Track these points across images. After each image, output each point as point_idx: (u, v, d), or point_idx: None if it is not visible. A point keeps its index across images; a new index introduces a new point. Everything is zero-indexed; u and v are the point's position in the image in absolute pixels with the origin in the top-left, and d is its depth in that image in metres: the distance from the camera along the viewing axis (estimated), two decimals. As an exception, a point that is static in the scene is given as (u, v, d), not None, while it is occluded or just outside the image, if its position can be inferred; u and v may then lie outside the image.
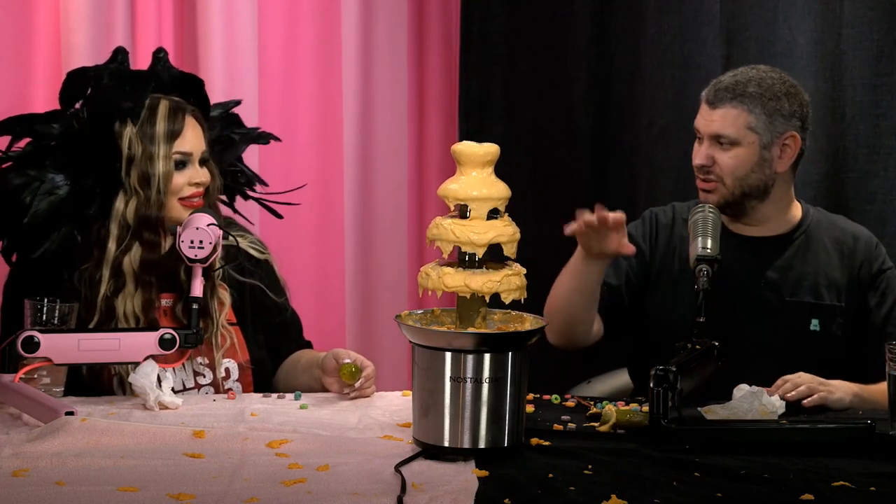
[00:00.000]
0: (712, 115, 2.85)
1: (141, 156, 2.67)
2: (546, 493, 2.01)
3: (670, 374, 2.29)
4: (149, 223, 2.68)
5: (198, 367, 2.74)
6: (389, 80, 3.85)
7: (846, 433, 2.32)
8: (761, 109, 2.82)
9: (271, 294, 2.86)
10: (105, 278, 2.66)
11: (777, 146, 2.84)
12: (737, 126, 2.82)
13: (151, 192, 2.67)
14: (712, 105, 2.85)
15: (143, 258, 2.68)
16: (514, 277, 2.23)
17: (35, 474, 2.07)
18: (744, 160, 2.83)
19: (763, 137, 2.83)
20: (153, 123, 2.68)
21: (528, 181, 3.79)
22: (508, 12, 3.83)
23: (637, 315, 2.95)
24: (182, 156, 2.70)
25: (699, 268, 2.61)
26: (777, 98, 2.84)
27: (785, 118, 2.84)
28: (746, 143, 2.83)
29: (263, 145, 3.10)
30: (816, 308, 2.84)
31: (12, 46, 3.39)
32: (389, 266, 3.88)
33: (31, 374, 2.49)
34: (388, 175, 3.87)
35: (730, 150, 2.83)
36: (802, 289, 2.85)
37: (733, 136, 2.82)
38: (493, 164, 2.25)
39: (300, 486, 2.02)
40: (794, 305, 2.85)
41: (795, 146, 2.86)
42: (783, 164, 2.86)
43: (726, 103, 2.84)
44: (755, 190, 2.85)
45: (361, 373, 2.62)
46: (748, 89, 2.84)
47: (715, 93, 2.86)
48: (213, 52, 3.57)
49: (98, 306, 2.66)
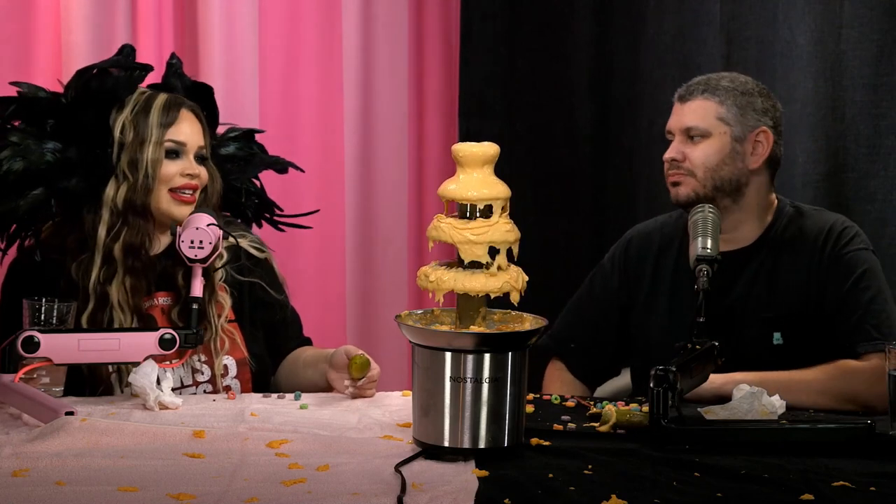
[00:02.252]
0: (682, 110, 2.86)
1: (132, 141, 2.68)
2: (546, 493, 2.01)
3: (670, 374, 2.29)
4: (135, 209, 2.68)
5: (196, 365, 2.74)
6: (389, 80, 3.85)
7: (846, 433, 2.31)
8: (732, 101, 2.82)
9: (272, 292, 2.86)
10: (97, 264, 2.67)
11: (749, 142, 2.82)
12: (707, 117, 2.82)
13: (139, 175, 2.67)
14: (683, 100, 2.87)
15: (126, 243, 2.68)
16: (515, 278, 2.23)
17: (35, 474, 2.07)
18: (714, 151, 2.82)
19: (734, 129, 2.81)
20: (147, 112, 2.70)
21: (528, 181, 3.79)
22: (508, 12, 3.83)
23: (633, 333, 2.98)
24: (175, 144, 2.70)
25: (699, 268, 2.61)
26: (750, 94, 2.84)
27: (757, 113, 2.83)
28: (717, 133, 2.81)
29: (280, 173, 3.08)
30: (778, 321, 2.79)
31: (12, 46, 3.39)
32: (389, 266, 3.88)
33: (30, 373, 2.49)
34: (389, 175, 3.87)
35: (700, 142, 2.83)
36: (765, 303, 2.81)
37: (703, 126, 2.82)
38: (493, 164, 2.25)
39: (300, 486, 2.02)
40: (757, 321, 2.81)
41: (768, 143, 2.83)
42: (756, 160, 2.83)
43: (697, 96, 2.84)
44: (727, 184, 2.82)
45: (370, 367, 2.62)
46: (721, 83, 2.84)
47: (686, 88, 2.87)
48: (213, 53, 3.57)
49: (92, 293, 2.66)
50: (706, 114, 2.83)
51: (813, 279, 2.80)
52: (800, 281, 2.81)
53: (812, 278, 2.80)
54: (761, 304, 2.82)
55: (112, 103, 2.71)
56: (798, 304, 2.80)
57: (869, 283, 2.77)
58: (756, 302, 2.82)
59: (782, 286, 2.82)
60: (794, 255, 2.83)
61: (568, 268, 3.85)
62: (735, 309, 2.82)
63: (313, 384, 2.76)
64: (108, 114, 2.70)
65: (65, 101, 2.74)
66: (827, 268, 2.79)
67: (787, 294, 2.81)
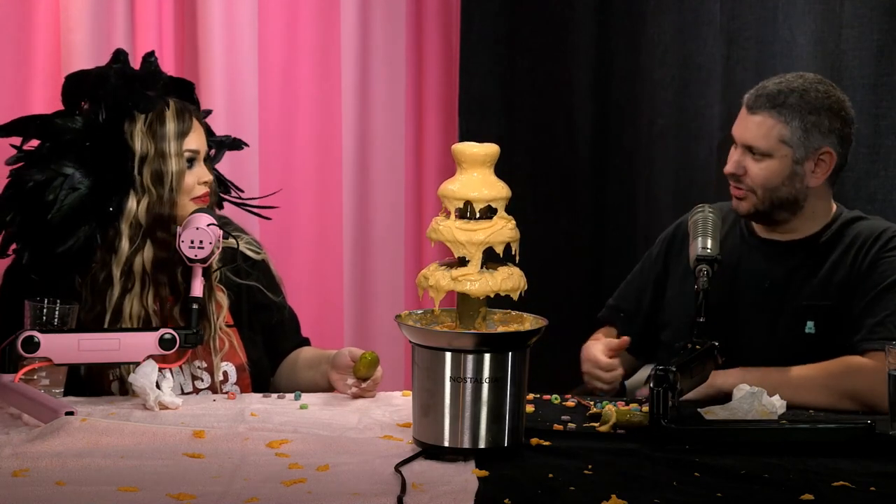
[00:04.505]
0: (748, 123, 2.81)
1: (153, 154, 2.66)
2: (546, 493, 2.01)
3: (670, 374, 2.29)
4: (161, 222, 2.66)
5: (196, 372, 2.73)
6: (388, 79, 3.85)
7: (846, 433, 2.31)
8: (799, 123, 2.77)
9: (269, 294, 2.85)
10: (116, 279, 2.65)
11: (811, 161, 2.79)
12: (769, 138, 2.78)
13: (164, 190, 2.66)
14: (751, 110, 2.81)
15: (156, 257, 2.66)
16: (515, 278, 2.23)
17: (35, 474, 2.07)
18: (774, 173, 2.78)
19: (796, 152, 2.78)
20: (162, 123, 2.67)
21: (528, 181, 3.79)
22: (508, 12, 3.83)
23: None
24: (191, 153, 2.70)
25: (699, 268, 2.61)
26: (817, 112, 2.78)
27: (822, 134, 2.78)
28: (778, 156, 2.78)
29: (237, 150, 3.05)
30: (813, 310, 2.79)
31: (12, 46, 3.39)
32: (388, 266, 3.87)
33: (30, 374, 2.49)
34: (387, 175, 3.87)
35: (761, 161, 2.79)
36: (804, 291, 2.81)
37: (764, 148, 2.78)
38: (493, 164, 2.25)
39: (300, 486, 2.02)
40: (792, 308, 2.81)
41: (831, 162, 2.80)
42: (816, 179, 2.80)
43: (764, 111, 2.79)
44: (786, 202, 2.81)
45: (377, 366, 2.62)
46: (789, 100, 2.78)
47: (755, 98, 2.82)
48: (213, 53, 3.57)
49: (111, 308, 2.64)
50: (769, 133, 2.78)
51: (853, 277, 2.79)
52: (840, 277, 2.80)
53: (852, 276, 2.79)
54: (801, 293, 2.82)
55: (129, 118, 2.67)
56: (836, 298, 2.79)
57: None
58: (796, 289, 2.82)
59: (825, 279, 2.81)
60: (843, 253, 2.82)
61: (568, 268, 3.85)
62: (773, 294, 2.83)
63: (314, 385, 2.75)
64: (123, 126, 2.67)
65: (89, 121, 2.69)
66: (867, 268, 2.78)
67: (828, 287, 2.80)
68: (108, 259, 2.65)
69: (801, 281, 2.83)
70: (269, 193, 3.02)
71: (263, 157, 3.60)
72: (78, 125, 2.68)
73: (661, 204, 3.70)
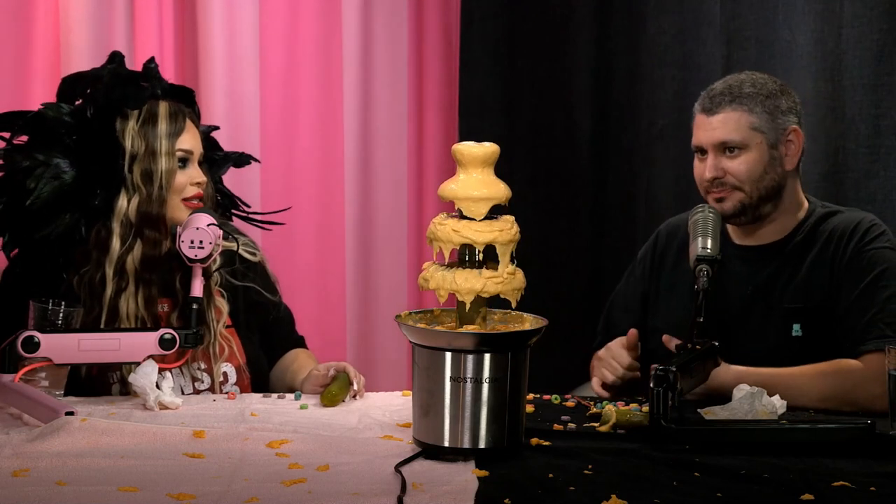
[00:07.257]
0: (711, 124, 2.79)
1: (144, 152, 2.67)
2: (546, 493, 2.01)
3: (670, 374, 2.29)
4: (150, 220, 2.67)
5: (196, 373, 2.73)
6: (389, 79, 3.85)
7: (846, 433, 2.31)
8: (761, 108, 2.78)
9: (266, 294, 2.86)
10: (109, 278, 2.66)
11: (783, 144, 2.80)
12: (741, 129, 2.77)
13: (153, 188, 2.67)
14: (710, 112, 2.80)
15: (144, 255, 2.67)
16: (515, 278, 2.23)
17: (35, 474, 2.07)
18: (755, 163, 2.77)
19: (769, 136, 2.78)
20: (155, 123, 2.68)
21: (528, 181, 3.79)
22: (508, 12, 3.83)
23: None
24: (184, 153, 2.71)
25: (699, 268, 2.61)
26: (773, 95, 2.80)
27: (784, 114, 2.80)
28: (754, 144, 2.77)
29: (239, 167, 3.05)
30: (798, 313, 2.77)
31: (12, 46, 3.39)
32: (389, 266, 3.88)
33: (30, 375, 2.49)
34: (388, 175, 3.87)
35: (738, 155, 2.78)
36: (787, 295, 2.79)
37: (739, 139, 2.77)
38: (493, 164, 2.25)
39: (300, 486, 2.02)
40: (776, 312, 2.79)
41: (799, 141, 2.81)
42: (791, 160, 2.81)
43: (725, 107, 2.78)
44: (771, 192, 2.80)
45: (346, 392, 2.61)
46: (744, 90, 2.79)
47: (710, 100, 2.81)
48: (213, 53, 3.57)
49: (105, 307, 2.65)
50: (739, 125, 2.77)
51: (835, 273, 2.77)
52: (823, 275, 2.78)
53: (835, 272, 2.77)
54: (784, 296, 2.80)
55: (122, 117, 2.69)
56: (819, 298, 2.77)
57: (888, 282, 2.73)
58: (779, 293, 2.80)
59: (806, 279, 2.79)
60: (821, 250, 2.80)
61: (568, 268, 3.86)
62: (757, 299, 2.82)
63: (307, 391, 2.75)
64: (114, 124, 2.69)
65: (81, 115, 2.71)
66: (848, 262, 2.76)
67: (810, 287, 2.78)
68: (102, 259, 2.66)
69: (783, 285, 2.81)
70: (276, 210, 3.02)
71: (265, 158, 3.60)
72: (67, 118, 2.70)
73: (661, 204, 3.70)
